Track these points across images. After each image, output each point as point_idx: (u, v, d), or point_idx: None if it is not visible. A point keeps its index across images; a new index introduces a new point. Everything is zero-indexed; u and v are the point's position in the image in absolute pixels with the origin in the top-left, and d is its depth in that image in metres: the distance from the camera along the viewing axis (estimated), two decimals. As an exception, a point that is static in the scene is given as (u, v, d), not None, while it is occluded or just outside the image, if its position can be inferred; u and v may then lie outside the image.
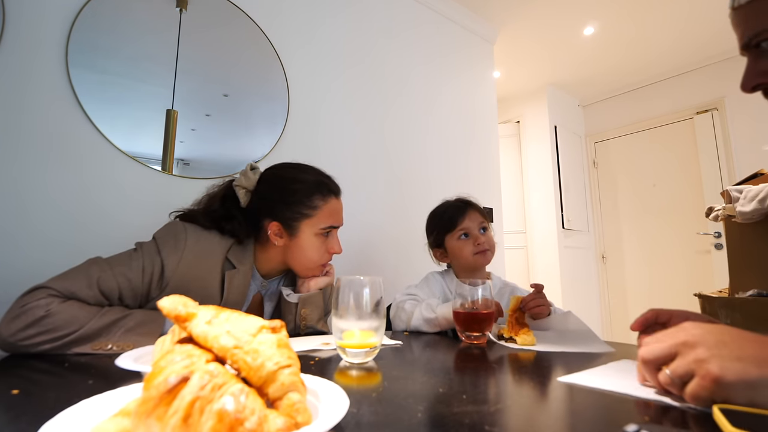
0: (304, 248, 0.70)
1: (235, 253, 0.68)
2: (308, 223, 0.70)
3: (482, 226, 0.92)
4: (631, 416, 0.31)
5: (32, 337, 0.49)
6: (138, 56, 1.02)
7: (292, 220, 0.69)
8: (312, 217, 0.70)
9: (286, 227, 0.70)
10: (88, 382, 0.39)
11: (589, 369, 0.46)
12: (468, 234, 0.91)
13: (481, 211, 0.95)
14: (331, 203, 0.73)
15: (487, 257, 0.91)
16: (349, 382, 0.40)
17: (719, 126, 2.42)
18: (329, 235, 0.73)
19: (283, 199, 0.70)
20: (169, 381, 0.20)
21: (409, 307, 0.80)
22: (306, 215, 0.70)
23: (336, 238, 0.75)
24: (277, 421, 0.21)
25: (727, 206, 1.15)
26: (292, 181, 0.72)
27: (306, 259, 0.71)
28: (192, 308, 0.25)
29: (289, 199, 0.70)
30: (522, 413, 0.33)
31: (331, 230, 0.73)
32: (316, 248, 0.71)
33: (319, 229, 0.71)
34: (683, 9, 2.02)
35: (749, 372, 0.29)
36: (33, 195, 0.86)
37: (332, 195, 0.73)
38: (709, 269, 2.36)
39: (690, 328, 0.34)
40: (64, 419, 0.22)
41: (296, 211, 0.70)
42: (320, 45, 1.42)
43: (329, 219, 0.72)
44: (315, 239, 0.71)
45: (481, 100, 2.04)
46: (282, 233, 0.70)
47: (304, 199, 0.70)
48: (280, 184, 0.72)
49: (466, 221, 0.91)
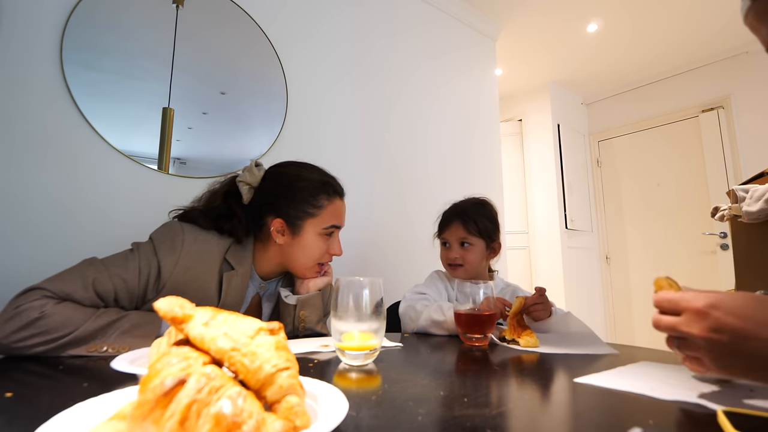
0: (305, 247, 0.70)
1: (233, 254, 0.67)
2: (312, 223, 0.70)
3: (462, 240, 0.89)
4: (636, 419, 0.31)
5: (26, 339, 0.48)
6: (134, 53, 1.01)
7: (296, 218, 0.69)
8: (316, 217, 0.70)
9: (290, 225, 0.69)
10: (84, 384, 0.39)
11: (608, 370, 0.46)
12: (447, 243, 0.92)
13: (468, 225, 0.89)
14: (336, 204, 0.73)
15: (457, 272, 0.89)
16: (349, 385, 0.40)
17: (725, 124, 2.39)
18: (331, 236, 0.73)
19: (288, 197, 0.70)
20: (165, 384, 0.19)
21: (420, 307, 0.80)
22: (311, 214, 0.70)
23: (337, 239, 0.75)
24: (275, 425, 0.21)
25: (733, 206, 1.13)
26: (298, 179, 0.72)
27: (306, 259, 0.71)
28: (189, 310, 0.25)
29: (294, 196, 0.70)
30: (525, 417, 0.32)
31: (334, 231, 0.73)
32: (317, 248, 0.71)
33: (322, 228, 0.70)
34: (688, 5, 2.00)
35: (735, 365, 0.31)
36: (27, 194, 0.85)
37: (337, 196, 0.74)
38: (715, 270, 2.34)
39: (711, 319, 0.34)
40: (59, 423, 0.22)
41: (301, 209, 0.69)
42: (319, 42, 1.41)
43: (333, 219, 0.72)
44: (317, 239, 0.70)
45: (483, 98, 2.03)
46: (285, 231, 0.70)
47: (310, 198, 0.70)
48: (285, 182, 0.72)
49: (447, 233, 0.92)
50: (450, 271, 0.91)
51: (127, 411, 0.20)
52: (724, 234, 2.30)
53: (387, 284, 0.53)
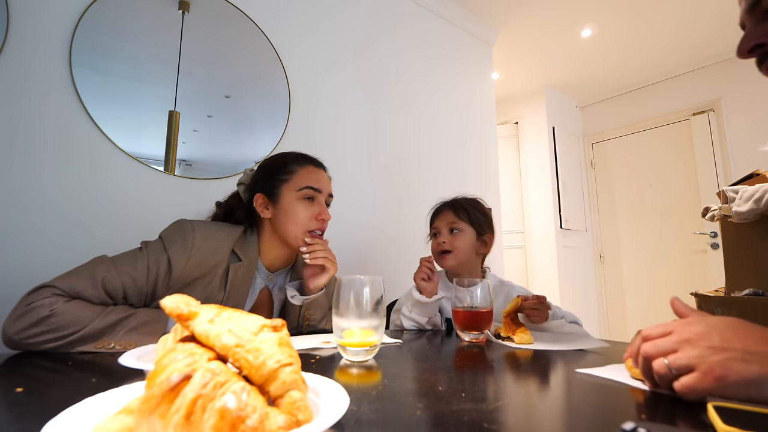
0: (288, 214, 0.70)
1: (240, 245, 0.69)
2: (287, 187, 0.72)
3: (452, 226, 0.88)
4: (629, 414, 0.32)
5: (37, 335, 0.49)
6: (140, 57, 1.02)
7: (272, 188, 0.72)
8: (290, 182, 0.72)
9: (269, 196, 0.72)
10: (92, 380, 0.39)
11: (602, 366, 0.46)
12: (438, 233, 0.90)
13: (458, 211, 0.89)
14: (308, 168, 0.74)
15: (446, 260, 0.87)
16: (350, 380, 0.41)
17: (715, 127, 2.43)
18: (314, 201, 0.72)
19: (264, 172, 0.75)
20: (171, 379, 0.20)
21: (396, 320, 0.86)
22: (284, 180, 0.72)
23: (322, 204, 0.74)
24: (279, 419, 0.21)
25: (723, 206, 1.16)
26: (273, 158, 0.78)
27: (294, 226, 0.70)
28: (194, 307, 0.25)
29: (268, 170, 0.75)
30: (520, 411, 0.33)
31: (315, 195, 0.72)
32: (301, 213, 0.71)
33: (297, 191, 0.71)
34: (679, 12, 2.03)
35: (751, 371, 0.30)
36: (36, 196, 0.86)
37: (310, 163, 0.76)
38: (706, 268, 2.38)
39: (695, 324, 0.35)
40: (68, 417, 0.22)
41: (275, 178, 0.73)
42: (320, 49, 1.42)
43: (306, 181, 0.72)
44: (297, 204, 0.71)
45: (480, 102, 2.05)
46: (267, 203, 0.72)
47: (281, 167, 0.74)
48: (262, 164, 0.77)
49: (437, 221, 0.91)
50: (439, 261, 0.88)
51: (135, 405, 0.21)
52: (715, 233, 2.34)
53: (387, 283, 0.53)
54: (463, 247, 0.87)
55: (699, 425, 0.29)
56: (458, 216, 0.89)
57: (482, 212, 0.93)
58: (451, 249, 0.87)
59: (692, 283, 2.38)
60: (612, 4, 1.97)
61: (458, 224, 0.88)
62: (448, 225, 0.89)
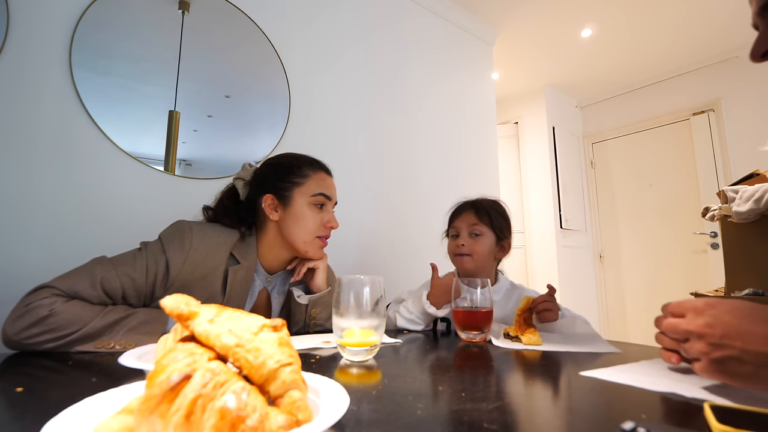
0: (298, 218, 0.70)
1: (238, 248, 0.68)
2: (300, 191, 0.71)
3: (473, 229, 0.86)
4: (629, 414, 0.32)
5: (36, 335, 0.49)
6: (140, 58, 1.02)
7: (284, 189, 0.71)
8: (303, 185, 0.71)
9: (280, 198, 0.71)
10: (92, 379, 0.39)
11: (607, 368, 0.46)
12: (458, 234, 0.89)
13: (480, 214, 0.87)
14: (321, 175, 0.74)
15: (464, 263, 0.85)
16: (350, 380, 0.41)
17: (715, 127, 2.43)
18: (324, 209, 0.73)
19: (275, 173, 0.73)
20: (171, 379, 0.20)
21: (391, 314, 0.83)
22: (297, 183, 0.71)
23: (331, 213, 0.74)
24: (279, 419, 0.21)
25: (723, 206, 1.16)
26: (283, 158, 0.77)
27: (303, 231, 0.70)
28: (194, 307, 0.25)
29: (280, 171, 0.73)
30: (520, 411, 0.33)
31: (325, 203, 0.73)
32: (311, 218, 0.71)
33: (310, 197, 0.71)
34: (679, 12, 2.03)
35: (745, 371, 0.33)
36: (37, 195, 0.86)
37: (322, 170, 0.76)
38: (706, 268, 2.38)
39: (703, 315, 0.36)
40: (68, 417, 0.22)
41: (287, 180, 0.71)
42: (321, 49, 1.42)
43: (319, 188, 0.72)
44: (308, 209, 0.71)
45: (480, 102, 2.05)
46: (276, 205, 0.71)
47: (295, 170, 0.72)
48: (272, 163, 0.76)
49: (458, 221, 0.89)
50: (456, 263, 0.87)
51: (135, 405, 0.21)
52: (715, 233, 2.34)
53: (386, 283, 0.53)
54: (482, 252, 0.85)
55: (698, 425, 0.29)
56: (480, 219, 0.86)
57: (504, 216, 0.90)
58: (470, 253, 0.85)
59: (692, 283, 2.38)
60: (612, 3, 1.97)
61: (479, 227, 0.86)
62: (468, 227, 0.87)
